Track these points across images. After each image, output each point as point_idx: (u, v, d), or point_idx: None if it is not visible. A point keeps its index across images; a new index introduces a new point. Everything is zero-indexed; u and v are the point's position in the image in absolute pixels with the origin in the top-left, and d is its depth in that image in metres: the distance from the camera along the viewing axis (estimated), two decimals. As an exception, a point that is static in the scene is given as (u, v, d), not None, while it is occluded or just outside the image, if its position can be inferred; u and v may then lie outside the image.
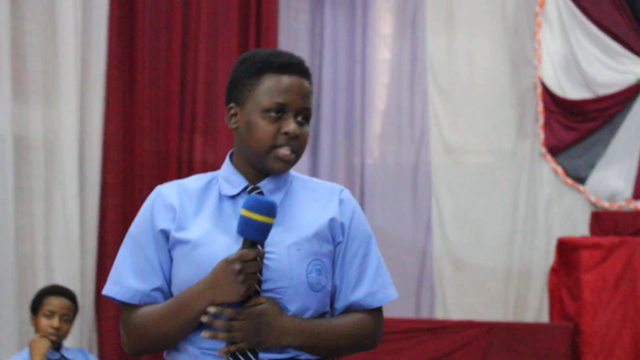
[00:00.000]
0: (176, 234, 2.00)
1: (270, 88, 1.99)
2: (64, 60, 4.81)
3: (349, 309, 2.06)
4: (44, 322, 3.77)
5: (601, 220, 5.93)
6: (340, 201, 2.08)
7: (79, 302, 4.01)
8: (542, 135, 6.42)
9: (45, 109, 4.75)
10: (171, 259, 2.02)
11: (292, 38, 6.49)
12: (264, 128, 1.99)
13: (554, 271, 5.84)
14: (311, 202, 2.07)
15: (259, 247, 1.93)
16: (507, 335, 5.44)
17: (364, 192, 6.63)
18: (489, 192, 6.50)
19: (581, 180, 6.36)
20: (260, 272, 1.94)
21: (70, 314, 3.86)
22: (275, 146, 1.99)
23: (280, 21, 6.23)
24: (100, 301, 5.04)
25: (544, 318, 6.15)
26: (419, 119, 6.60)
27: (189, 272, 1.97)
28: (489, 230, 6.44)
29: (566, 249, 5.75)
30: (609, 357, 5.50)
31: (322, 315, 2.03)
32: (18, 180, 4.58)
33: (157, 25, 5.37)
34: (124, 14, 5.18)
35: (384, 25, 6.83)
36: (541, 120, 6.43)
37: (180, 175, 5.41)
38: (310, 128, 2.07)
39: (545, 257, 6.28)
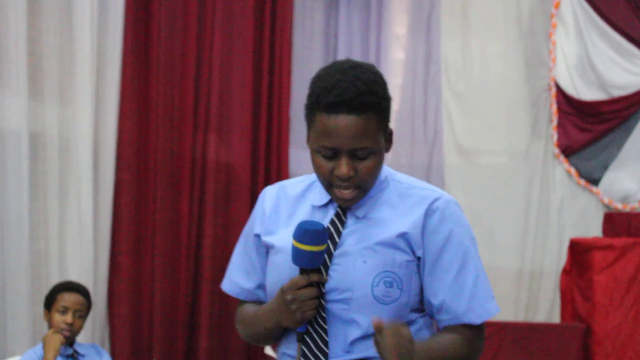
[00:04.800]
0: (265, 238, 2.05)
1: (319, 129, 1.87)
2: (80, 58, 4.82)
3: (453, 323, 1.95)
4: (57, 317, 3.78)
5: (614, 221, 5.91)
6: (428, 212, 1.95)
7: (92, 299, 4.04)
8: (555, 137, 6.42)
9: (60, 107, 4.76)
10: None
11: (306, 38, 6.49)
12: (320, 167, 1.90)
13: (566, 272, 5.83)
14: (395, 212, 1.97)
15: (322, 271, 1.92)
16: (518, 336, 5.43)
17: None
18: (502, 193, 6.50)
19: (594, 181, 6.36)
20: (322, 295, 1.92)
21: (83, 310, 3.87)
22: (332, 185, 1.92)
23: (295, 21, 6.23)
24: (113, 298, 5.07)
25: (555, 319, 6.15)
26: (432, 119, 6.60)
27: (271, 277, 2.02)
28: (502, 231, 6.44)
29: (578, 250, 5.73)
30: (621, 358, 5.49)
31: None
32: (33, 178, 4.59)
33: (172, 24, 5.38)
34: (139, 13, 5.19)
35: (398, 26, 6.81)
36: (555, 121, 6.42)
37: (193, 174, 5.44)
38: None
39: (557, 258, 6.28)
